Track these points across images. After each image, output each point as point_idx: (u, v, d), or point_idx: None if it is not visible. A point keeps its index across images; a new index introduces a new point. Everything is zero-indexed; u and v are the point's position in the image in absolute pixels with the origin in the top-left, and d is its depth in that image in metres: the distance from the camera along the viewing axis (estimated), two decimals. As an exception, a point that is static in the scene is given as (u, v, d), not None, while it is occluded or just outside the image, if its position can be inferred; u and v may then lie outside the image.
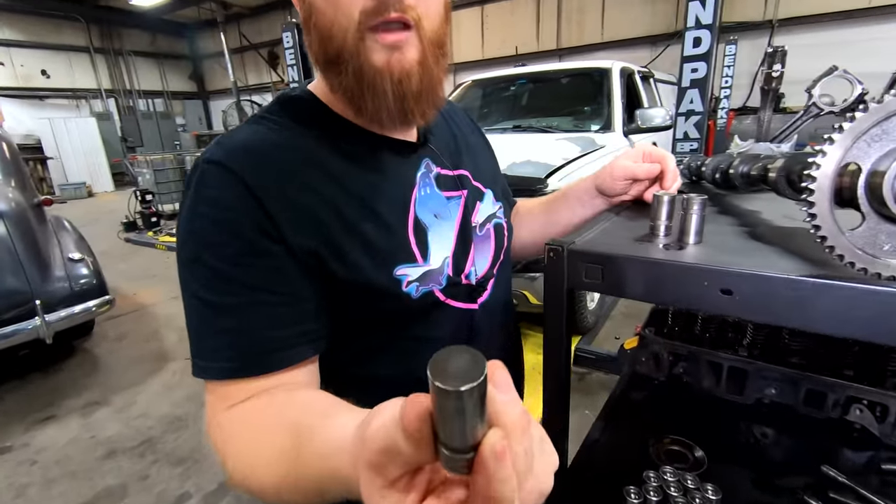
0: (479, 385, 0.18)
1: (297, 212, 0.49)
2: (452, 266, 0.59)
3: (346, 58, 0.48)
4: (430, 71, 0.50)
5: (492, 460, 0.20)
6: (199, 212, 0.48)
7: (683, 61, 2.96)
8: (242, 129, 0.54)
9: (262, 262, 0.47)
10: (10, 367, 2.96)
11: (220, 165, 0.48)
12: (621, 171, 0.68)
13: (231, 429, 0.45)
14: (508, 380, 0.22)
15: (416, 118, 0.52)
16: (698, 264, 0.41)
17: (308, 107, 0.56)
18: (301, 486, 0.38)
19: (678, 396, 0.87)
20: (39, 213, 3.04)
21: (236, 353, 0.47)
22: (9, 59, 11.56)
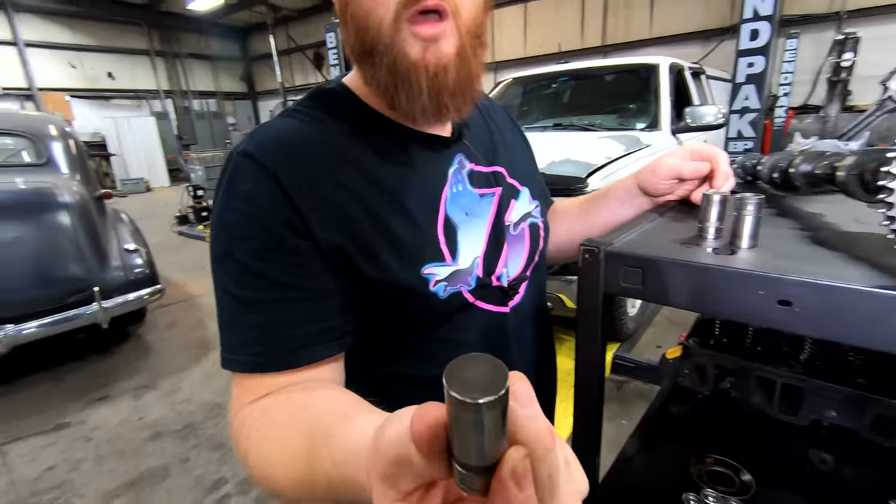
0: (500, 398, 0.17)
1: (326, 208, 0.48)
2: (483, 266, 0.57)
3: (381, 50, 0.46)
4: (468, 64, 0.48)
5: (511, 483, 0.17)
6: (230, 206, 0.48)
7: (739, 55, 2.78)
8: (276, 121, 0.54)
9: (289, 258, 0.47)
10: (71, 349, 3.17)
11: (253, 159, 0.48)
12: (666, 168, 0.63)
13: (251, 425, 0.45)
14: (531, 393, 0.20)
15: (451, 113, 0.50)
16: (753, 270, 0.37)
17: (341, 100, 0.55)
18: (317, 490, 0.37)
19: (724, 413, 0.80)
20: (100, 205, 3.24)
21: (261, 347, 0.47)
22: (80, 63, 12.48)
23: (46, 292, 2.64)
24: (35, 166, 3.01)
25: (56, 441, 2.31)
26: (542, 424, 0.19)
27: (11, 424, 2.45)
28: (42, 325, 2.61)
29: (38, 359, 3.03)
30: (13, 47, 11.29)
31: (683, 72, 3.63)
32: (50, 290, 2.66)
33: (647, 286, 0.43)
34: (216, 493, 1.92)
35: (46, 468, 2.12)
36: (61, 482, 2.03)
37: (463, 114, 0.52)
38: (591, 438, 0.52)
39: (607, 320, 0.48)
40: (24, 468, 2.13)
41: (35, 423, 2.46)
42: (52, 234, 2.69)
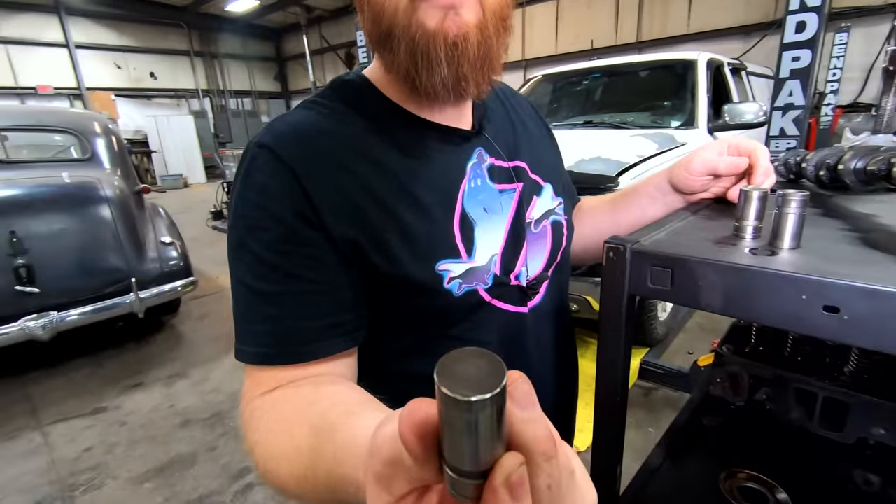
0: (495, 397, 0.15)
1: (339, 200, 0.47)
2: (501, 265, 0.54)
3: (398, 33, 0.45)
4: (489, 40, 0.46)
5: (504, 492, 0.16)
6: (246, 197, 0.48)
7: (783, 49, 2.64)
8: (293, 113, 0.53)
9: (301, 250, 0.46)
10: (109, 337, 3.31)
11: (270, 150, 0.48)
12: (700, 164, 0.59)
13: (259, 418, 0.44)
14: (531, 394, 0.18)
15: (470, 87, 0.47)
16: (795, 273, 0.34)
17: (360, 91, 0.54)
18: (318, 487, 0.36)
19: (758, 426, 0.76)
20: (139, 199, 3.37)
21: (273, 340, 0.46)
22: (125, 63, 13.06)
23: (87, 282, 2.77)
24: (80, 161, 3.16)
25: (94, 424, 2.42)
26: (541, 429, 0.17)
27: (54, 406, 2.58)
28: (83, 313, 2.73)
29: (79, 345, 3.18)
30: (64, 49, 11.91)
31: (723, 68, 3.49)
32: (91, 279, 2.78)
33: (677, 288, 0.40)
34: (240, 482, 1.96)
35: (84, 449, 2.22)
36: (97, 464, 2.12)
37: (482, 91, 0.49)
38: (613, 446, 0.49)
39: (632, 323, 0.45)
40: (65, 448, 2.23)
41: (75, 406, 2.58)
42: (94, 226, 2.82)
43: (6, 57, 11.13)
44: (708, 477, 0.64)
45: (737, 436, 0.75)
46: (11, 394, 2.72)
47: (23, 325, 2.55)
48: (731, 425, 0.77)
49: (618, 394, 0.47)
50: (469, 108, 0.58)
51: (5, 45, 11.07)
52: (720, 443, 0.73)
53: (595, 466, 0.53)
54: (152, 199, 3.76)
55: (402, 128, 0.53)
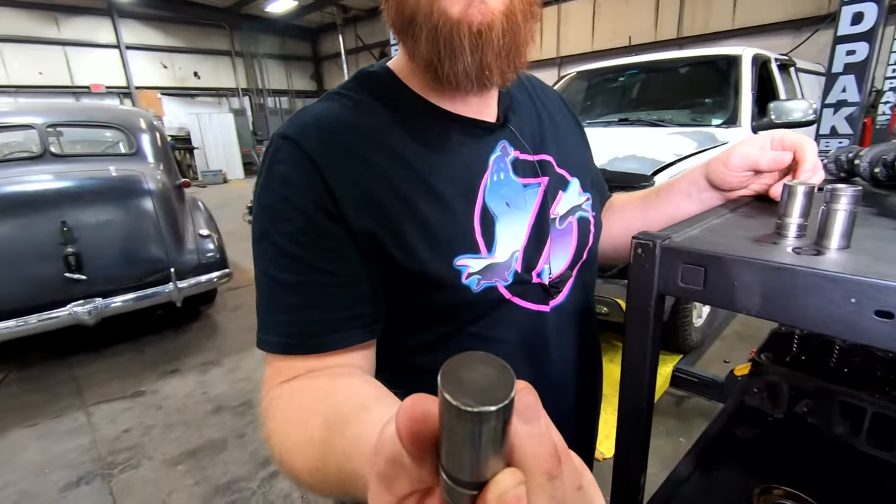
0: (500, 410, 0.14)
1: (360, 194, 0.47)
2: (522, 262, 0.53)
3: (421, 20, 0.44)
4: (517, 28, 0.44)
5: None
6: (269, 188, 0.48)
7: (837, 42, 2.47)
8: (317, 104, 0.53)
9: (321, 241, 0.46)
10: (149, 324, 3.46)
11: (292, 142, 0.48)
12: (739, 158, 0.56)
13: (276, 407, 0.45)
14: (537, 406, 0.16)
15: (494, 76, 0.46)
16: (844, 274, 0.31)
17: (384, 83, 0.54)
18: (329, 480, 0.36)
19: (797, 440, 0.71)
20: (180, 193, 3.50)
21: (292, 329, 0.47)
22: (171, 63, 13.65)
23: (130, 270, 2.90)
24: (126, 156, 3.31)
25: (133, 407, 2.53)
26: (545, 445, 0.16)
27: (97, 388, 2.72)
28: (126, 301, 2.87)
29: (122, 331, 3.34)
30: (116, 50, 12.55)
31: (769, 64, 3.32)
32: (133, 268, 2.91)
33: (710, 287, 0.38)
34: (267, 469, 2.01)
35: (123, 430, 2.33)
36: (134, 444, 2.22)
37: (506, 80, 0.48)
38: (636, 454, 0.47)
39: (660, 324, 0.42)
40: (106, 428, 2.35)
41: (116, 388, 2.71)
42: (137, 217, 2.95)
43: (64, 57, 11.83)
44: (740, 491, 0.60)
45: (774, 449, 0.70)
46: (59, 375, 2.89)
47: (71, 310, 2.70)
48: (768, 438, 0.72)
49: (643, 398, 0.44)
50: (494, 100, 0.56)
51: (63, 47, 11.77)
52: (755, 456, 0.69)
53: (617, 475, 0.50)
54: (192, 193, 3.90)
55: (424, 120, 0.52)
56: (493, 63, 0.45)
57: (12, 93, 10.98)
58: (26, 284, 2.63)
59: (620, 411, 0.46)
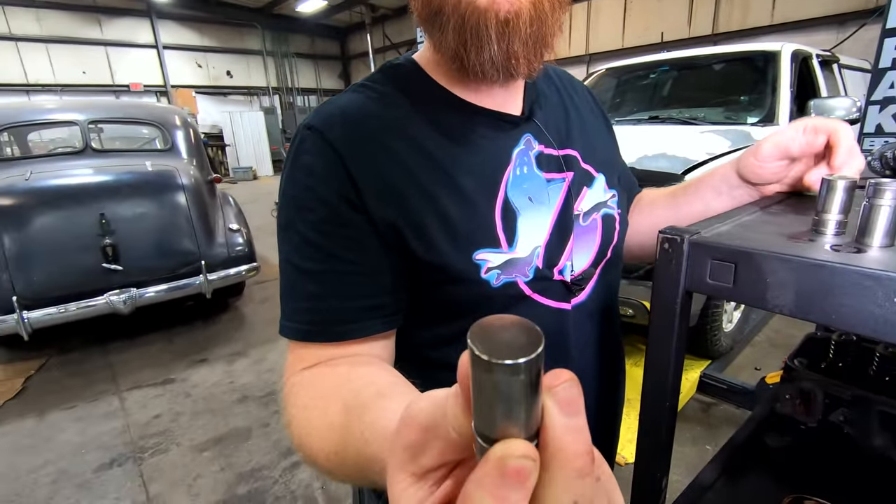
0: (527, 364, 0.14)
1: (381, 183, 0.47)
2: (544, 257, 0.52)
3: (448, 11, 0.44)
4: (544, 18, 0.44)
5: (493, 469, 0.14)
6: (294, 177, 0.49)
7: (885, 35, 2.33)
8: (342, 96, 0.54)
9: (342, 230, 0.47)
10: (181, 315, 3.58)
11: (317, 132, 0.48)
12: (770, 147, 0.53)
13: (297, 394, 0.45)
14: (579, 401, 0.16)
15: (520, 66, 0.45)
16: (887, 272, 0.29)
17: (409, 75, 0.54)
18: (347, 465, 0.36)
19: (832, 450, 0.68)
20: (211, 188, 3.61)
21: (312, 317, 0.47)
22: (205, 63, 14.06)
23: (163, 262, 3.01)
24: (161, 151, 3.43)
25: (163, 394, 2.62)
26: (581, 443, 0.15)
27: (130, 375, 2.83)
28: (159, 291, 2.98)
29: (155, 320, 3.46)
30: (153, 50, 13.01)
31: (810, 60, 3.17)
32: (166, 260, 3.02)
33: (740, 285, 0.36)
34: (289, 459, 2.05)
35: (154, 416, 2.42)
36: (164, 430, 2.30)
37: (533, 69, 0.47)
38: (658, 456, 0.45)
39: (686, 322, 0.41)
40: (138, 413, 2.44)
41: (148, 375, 2.82)
42: (171, 211, 3.05)
43: (105, 57, 12.34)
44: (768, 500, 0.58)
45: (806, 459, 0.67)
46: (96, 361, 3.02)
47: (108, 298, 2.81)
48: (800, 447, 0.69)
49: (666, 399, 0.43)
50: (520, 93, 0.56)
51: (105, 47, 12.28)
52: (785, 465, 0.66)
53: (638, 476, 0.49)
54: (223, 189, 4.02)
55: (448, 111, 0.52)
56: (520, 52, 0.44)
57: (58, 91, 11.52)
58: (67, 273, 2.76)
59: (643, 410, 0.45)
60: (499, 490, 0.14)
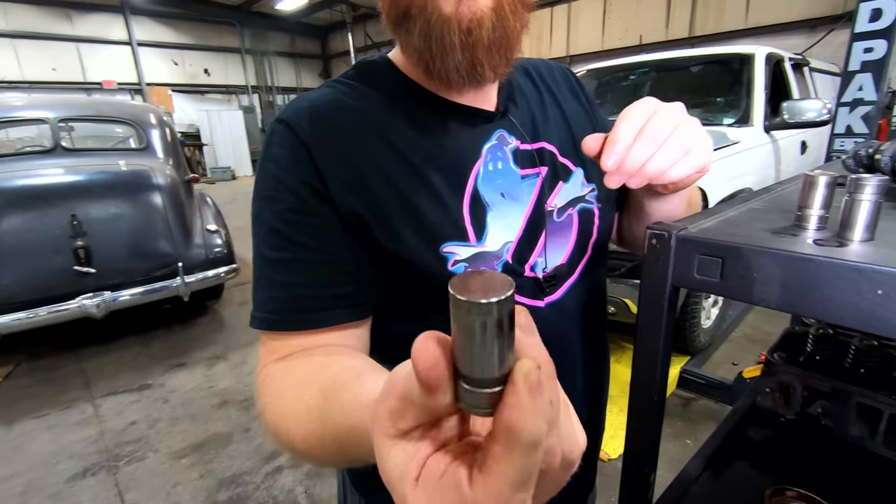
0: (506, 300, 0.16)
1: (348, 174, 0.48)
2: (514, 253, 0.52)
3: (414, 13, 0.44)
4: (506, 21, 0.44)
5: (524, 389, 0.16)
6: (264, 169, 0.50)
7: (854, 39, 2.43)
8: (315, 90, 0.54)
9: (309, 219, 0.47)
10: (158, 318, 3.49)
11: (285, 124, 0.49)
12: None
13: (270, 382, 0.45)
14: (533, 325, 0.19)
15: (486, 72, 0.46)
16: (871, 265, 0.30)
17: (382, 71, 0.54)
18: (325, 444, 0.36)
19: (811, 442, 0.69)
20: (188, 188, 3.53)
21: (277, 306, 0.48)
22: (182, 60, 13.74)
23: (138, 264, 2.92)
24: (136, 151, 3.34)
25: (139, 400, 2.55)
26: (543, 352, 0.19)
27: (105, 381, 2.74)
28: (134, 294, 2.89)
29: (130, 324, 3.36)
30: (127, 46, 12.66)
31: (783, 63, 3.27)
32: (141, 262, 2.93)
33: (727, 279, 0.36)
34: (272, 464, 2.02)
35: (130, 423, 2.35)
36: (140, 437, 2.23)
37: (499, 74, 0.48)
38: (647, 451, 0.46)
39: (673, 317, 0.41)
40: (113, 420, 2.37)
41: (124, 381, 2.73)
42: (146, 212, 2.97)
43: (77, 54, 11.95)
44: (752, 492, 0.59)
45: (786, 451, 0.68)
46: (68, 367, 2.92)
47: (80, 302, 2.72)
48: (780, 439, 0.71)
49: (654, 394, 0.43)
50: (494, 89, 0.56)
51: (76, 43, 11.89)
52: (767, 457, 0.68)
53: (627, 471, 0.49)
54: (201, 189, 3.93)
55: (419, 107, 0.52)
56: (484, 59, 0.45)
57: (26, 88, 11.11)
58: (36, 277, 2.66)
59: (631, 405, 0.45)
60: (534, 403, 0.16)
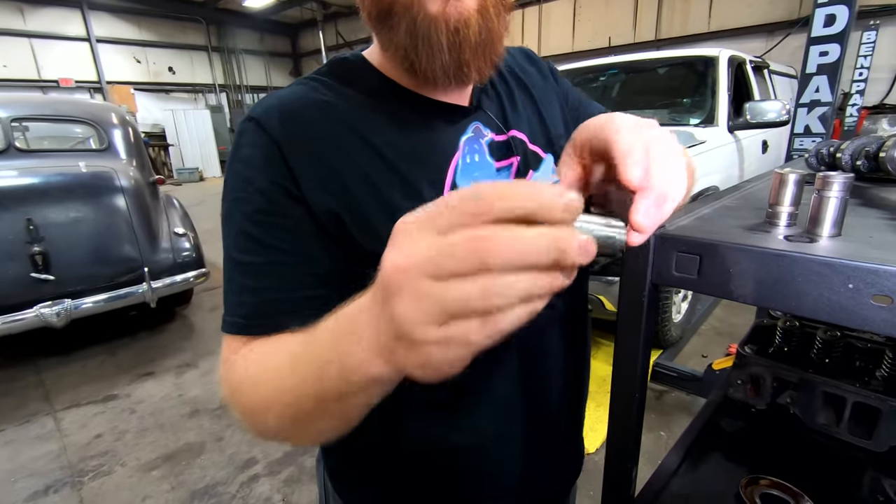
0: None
1: (322, 173, 0.46)
2: None
3: (399, 11, 0.44)
4: (491, 22, 0.44)
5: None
6: (233, 169, 0.48)
7: (810, 43, 2.55)
8: (287, 88, 0.52)
9: (280, 221, 0.46)
10: (123, 326, 3.35)
11: (255, 122, 0.48)
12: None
13: (234, 369, 0.44)
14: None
15: (471, 73, 0.46)
16: (841, 259, 0.31)
17: (356, 68, 0.53)
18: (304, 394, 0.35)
19: (781, 431, 0.72)
20: (154, 190, 3.40)
21: (248, 311, 0.46)
22: (144, 57, 13.25)
23: (101, 270, 2.80)
24: (97, 151, 3.20)
25: (105, 411, 2.44)
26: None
27: (67, 393, 2.62)
28: (97, 301, 2.77)
29: (94, 333, 3.22)
30: (86, 43, 12.11)
31: (744, 66, 3.40)
32: (104, 268, 2.81)
33: (705, 276, 0.37)
34: (247, 472, 1.96)
35: (95, 436, 2.24)
36: (106, 450, 2.14)
37: (484, 75, 0.48)
38: (629, 446, 0.46)
39: (654, 314, 0.42)
40: (76, 434, 2.26)
41: (87, 392, 2.61)
42: (109, 215, 2.85)
43: (30, 50, 11.36)
44: (728, 482, 0.60)
45: (758, 440, 0.71)
46: (26, 379, 2.77)
47: (38, 311, 2.58)
48: (753, 429, 0.73)
49: (636, 390, 0.44)
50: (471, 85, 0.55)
51: (29, 39, 11.30)
52: (740, 447, 0.70)
53: (609, 467, 0.50)
54: (168, 191, 3.79)
55: (394, 103, 0.51)
56: (471, 60, 0.45)
57: (-26, 86, 10.51)
58: (-11, 285, 2.52)
59: (613, 401, 0.45)
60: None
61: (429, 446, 0.56)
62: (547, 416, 0.61)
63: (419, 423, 0.54)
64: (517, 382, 0.56)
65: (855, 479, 0.63)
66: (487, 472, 0.58)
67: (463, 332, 0.22)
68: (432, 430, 0.55)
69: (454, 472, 0.58)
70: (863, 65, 5.92)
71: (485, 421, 0.56)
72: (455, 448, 0.56)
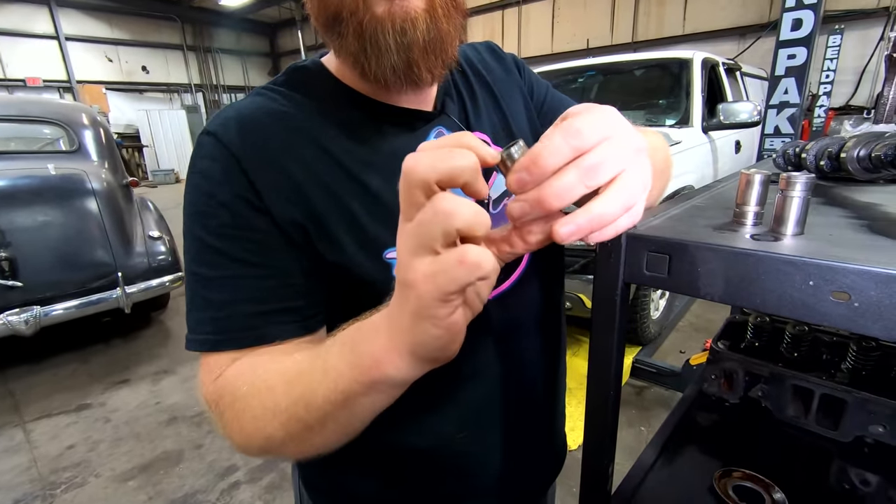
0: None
1: (284, 184, 0.46)
2: None
3: (346, 15, 0.43)
4: (440, 23, 0.44)
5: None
6: (192, 183, 0.47)
7: (779, 46, 2.63)
8: (244, 99, 0.52)
9: (246, 234, 0.45)
10: (96, 332, 3.26)
11: (213, 136, 0.47)
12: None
13: (233, 384, 0.43)
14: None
15: (422, 73, 0.45)
16: (802, 258, 0.32)
17: (314, 76, 0.53)
18: (315, 403, 0.36)
19: (754, 424, 0.74)
20: (127, 192, 3.31)
21: (217, 326, 0.45)
22: (116, 56, 12.90)
23: (72, 276, 2.72)
24: (67, 153, 3.10)
25: (77, 421, 2.37)
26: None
27: (37, 403, 2.53)
28: (68, 308, 2.68)
29: (65, 340, 3.12)
30: (54, 41, 11.73)
31: (717, 67, 3.49)
32: (76, 273, 2.73)
33: (674, 275, 0.38)
34: (227, 480, 1.93)
35: (67, 447, 2.17)
36: (80, 461, 2.07)
37: (436, 76, 0.47)
38: (605, 443, 0.47)
39: (626, 313, 0.42)
40: (47, 445, 2.19)
41: (59, 402, 2.53)
42: (80, 219, 2.76)
43: (-6, 48, 10.95)
44: (702, 476, 0.62)
45: (731, 434, 0.73)
46: (-7, 389, 2.67)
47: (5, 319, 2.49)
48: (726, 423, 0.75)
49: (611, 388, 0.44)
50: (433, 89, 0.55)
51: (-7, 36, 10.89)
52: (715, 440, 0.71)
53: (586, 464, 0.50)
54: (142, 193, 3.71)
55: (353, 111, 0.51)
56: (420, 60, 0.44)
57: (-66, 85, 10.08)
58: (-48, 293, 2.42)
59: (588, 399, 0.46)
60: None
61: (399, 450, 0.56)
62: (521, 416, 0.61)
63: (388, 428, 0.54)
64: (488, 384, 0.56)
65: (823, 468, 0.65)
66: (461, 474, 0.58)
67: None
68: (401, 434, 0.54)
69: (427, 474, 0.57)
70: (829, 67, 6.14)
71: (456, 423, 0.55)
72: (426, 451, 0.56)
